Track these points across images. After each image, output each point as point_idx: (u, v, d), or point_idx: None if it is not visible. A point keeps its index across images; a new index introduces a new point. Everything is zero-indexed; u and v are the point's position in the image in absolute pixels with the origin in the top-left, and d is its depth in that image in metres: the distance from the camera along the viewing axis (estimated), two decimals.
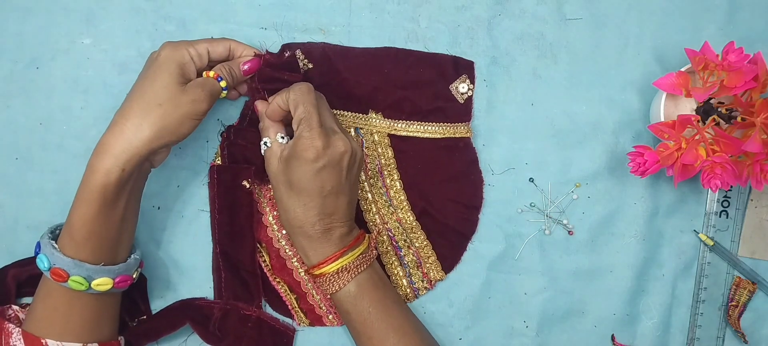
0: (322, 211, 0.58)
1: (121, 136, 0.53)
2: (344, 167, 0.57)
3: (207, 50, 0.58)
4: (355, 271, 0.59)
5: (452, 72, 0.66)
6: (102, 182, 0.52)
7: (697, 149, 0.59)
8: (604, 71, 0.67)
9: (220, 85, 0.58)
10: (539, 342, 0.68)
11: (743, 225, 0.69)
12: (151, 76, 0.55)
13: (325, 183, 0.57)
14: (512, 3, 0.67)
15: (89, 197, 0.53)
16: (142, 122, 0.53)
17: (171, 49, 0.56)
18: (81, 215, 0.53)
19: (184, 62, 0.56)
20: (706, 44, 0.59)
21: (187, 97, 0.55)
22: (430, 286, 0.66)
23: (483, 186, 0.67)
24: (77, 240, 0.53)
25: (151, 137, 0.54)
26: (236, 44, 0.61)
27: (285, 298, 0.65)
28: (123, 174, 0.53)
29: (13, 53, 0.63)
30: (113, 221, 0.55)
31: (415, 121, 0.66)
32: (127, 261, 0.57)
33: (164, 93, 0.54)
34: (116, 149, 0.53)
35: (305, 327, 0.66)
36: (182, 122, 0.55)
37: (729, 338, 0.69)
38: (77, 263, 0.53)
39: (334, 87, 0.65)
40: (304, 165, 0.56)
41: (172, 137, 0.55)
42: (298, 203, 0.58)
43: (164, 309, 0.64)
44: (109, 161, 0.52)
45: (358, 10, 0.66)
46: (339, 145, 0.57)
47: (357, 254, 0.59)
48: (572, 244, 0.68)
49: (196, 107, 0.55)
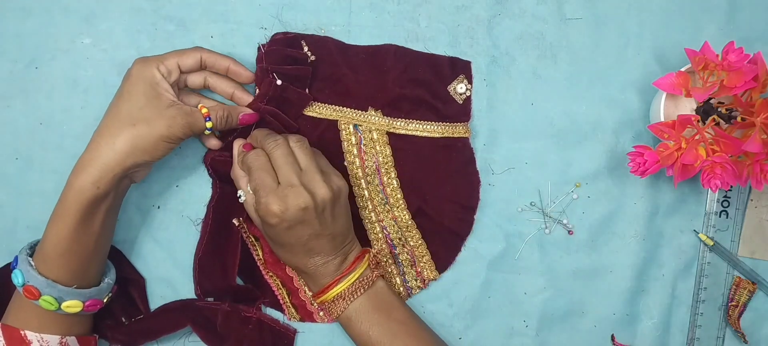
0: (307, 255, 0.59)
1: (96, 153, 0.53)
2: (312, 218, 0.56)
3: (176, 64, 0.58)
4: (351, 297, 0.60)
5: (449, 72, 0.66)
6: (77, 199, 0.53)
7: (697, 149, 0.59)
8: (604, 71, 0.67)
9: (206, 124, 0.58)
10: (539, 342, 0.68)
11: (743, 225, 0.69)
12: (124, 95, 0.55)
13: (300, 236, 0.57)
14: (512, 3, 0.67)
15: (64, 213, 0.53)
16: (115, 141, 0.53)
17: (140, 67, 0.56)
18: (56, 232, 0.53)
19: (155, 80, 0.56)
20: (706, 44, 0.59)
21: (163, 122, 0.54)
22: (424, 285, 0.66)
23: (479, 187, 0.66)
24: (51, 257, 0.54)
25: (124, 156, 0.53)
26: (208, 54, 0.60)
27: (277, 292, 0.65)
28: (98, 192, 0.53)
29: (13, 53, 0.63)
30: (88, 239, 0.55)
31: (414, 120, 0.66)
32: (99, 285, 0.57)
33: (138, 113, 0.54)
34: (90, 167, 0.53)
35: (305, 328, 0.66)
36: (157, 144, 0.55)
37: (729, 338, 0.69)
38: (50, 283, 0.53)
39: (335, 82, 0.65)
40: (273, 228, 0.56)
41: (145, 157, 0.55)
42: (283, 252, 0.60)
43: (163, 308, 0.64)
44: (84, 179, 0.53)
45: (358, 9, 0.66)
46: (297, 203, 0.55)
47: (353, 279, 0.60)
48: (572, 244, 0.68)
49: (170, 132, 0.55)
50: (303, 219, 0.56)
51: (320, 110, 0.65)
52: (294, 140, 0.59)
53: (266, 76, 0.63)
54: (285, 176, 0.56)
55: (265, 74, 0.63)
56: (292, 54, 0.63)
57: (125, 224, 0.64)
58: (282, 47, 0.63)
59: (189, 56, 0.59)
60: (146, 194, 0.64)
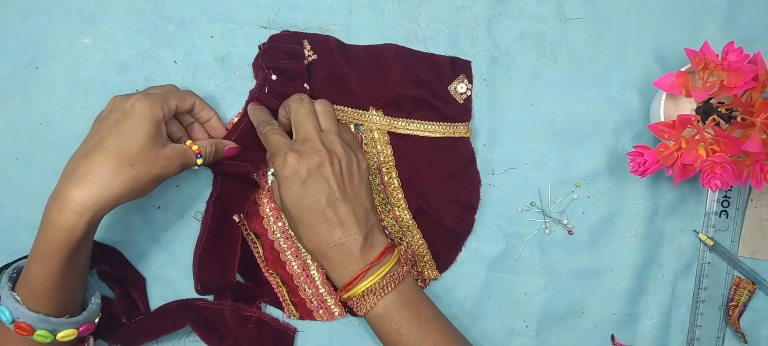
0: (328, 226, 0.56)
1: (88, 191, 0.50)
2: (329, 175, 0.56)
3: (176, 105, 0.58)
4: (382, 292, 0.56)
5: (450, 72, 0.66)
6: (65, 238, 0.50)
7: (697, 149, 0.59)
8: (604, 71, 0.67)
9: (197, 161, 0.58)
10: (539, 342, 0.68)
11: (743, 225, 0.69)
12: (124, 132, 0.53)
13: (318, 197, 0.56)
14: (512, 3, 0.67)
15: (52, 253, 0.50)
16: (113, 181, 0.51)
17: (147, 106, 0.54)
18: (43, 271, 0.51)
19: (159, 120, 0.55)
20: (706, 44, 0.59)
21: (160, 162, 0.54)
22: (424, 285, 0.66)
23: (480, 187, 0.66)
24: (39, 293, 0.51)
25: (119, 197, 0.51)
26: (200, 101, 0.60)
27: (277, 290, 0.65)
28: (88, 230, 0.51)
29: (13, 53, 0.63)
30: (75, 273, 0.53)
31: (415, 120, 0.66)
32: (88, 307, 0.56)
33: (138, 154, 0.52)
34: (82, 206, 0.50)
35: (305, 326, 0.66)
36: (150, 183, 0.54)
37: (729, 338, 0.69)
38: (43, 318, 0.52)
39: (336, 82, 0.65)
40: (289, 186, 0.56)
41: (137, 197, 0.54)
42: (304, 227, 0.57)
43: (163, 308, 0.64)
44: (74, 219, 0.50)
45: (358, 9, 0.66)
46: (312, 154, 0.55)
47: (383, 273, 0.57)
48: (572, 244, 0.68)
49: (166, 172, 0.55)
50: (319, 173, 0.56)
51: None
52: (319, 104, 0.60)
53: (262, 72, 0.63)
54: (304, 133, 0.57)
55: (261, 71, 0.63)
56: (287, 50, 0.63)
57: (125, 224, 0.64)
58: (280, 44, 0.64)
59: (186, 100, 0.59)
60: None
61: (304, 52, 0.64)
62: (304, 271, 0.65)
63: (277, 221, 0.65)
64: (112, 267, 0.63)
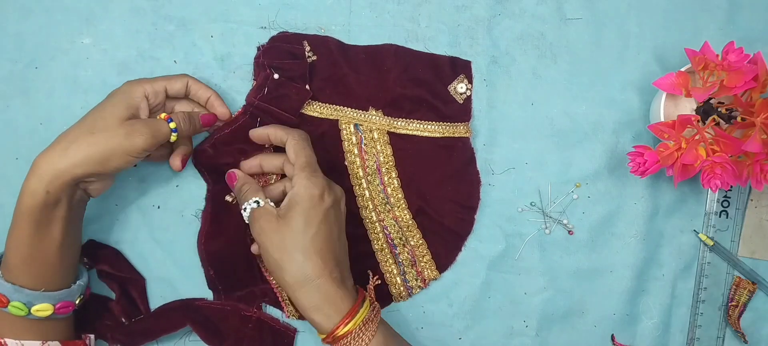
0: (335, 256, 0.56)
1: (48, 157, 0.52)
2: (343, 211, 0.58)
3: (164, 87, 0.58)
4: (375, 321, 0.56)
5: (450, 72, 0.66)
6: (28, 203, 0.52)
7: (697, 149, 0.59)
8: (604, 71, 0.67)
9: (170, 127, 0.57)
10: (539, 342, 0.68)
11: (743, 225, 0.69)
12: (99, 107, 0.55)
13: (333, 226, 0.56)
14: (512, 3, 0.67)
15: (19, 218, 0.52)
16: (69, 147, 0.52)
17: (129, 84, 0.57)
18: (15, 238, 0.53)
19: (136, 97, 0.56)
20: (706, 44, 0.59)
21: (122, 131, 0.54)
22: (424, 285, 0.66)
23: (480, 187, 0.66)
24: (14, 263, 0.53)
25: (75, 163, 0.52)
26: (193, 82, 0.60)
27: (276, 290, 0.65)
28: (48, 196, 0.52)
29: (13, 53, 0.63)
30: (48, 246, 0.54)
31: (415, 120, 0.66)
32: (70, 287, 0.56)
33: (101, 123, 0.54)
34: (40, 170, 0.52)
35: (305, 326, 0.66)
36: (112, 155, 0.53)
37: (729, 338, 0.69)
38: (17, 288, 0.53)
39: (336, 82, 0.65)
40: (312, 209, 0.55)
41: (97, 168, 0.53)
42: (311, 252, 0.54)
43: (163, 308, 0.64)
44: (34, 182, 0.52)
45: (359, 9, 0.66)
46: (337, 187, 0.58)
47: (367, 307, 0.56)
48: (572, 244, 0.68)
49: (130, 142, 0.54)
50: (339, 206, 0.58)
51: (321, 110, 0.65)
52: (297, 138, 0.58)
53: (263, 70, 0.63)
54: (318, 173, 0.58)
55: (263, 69, 0.63)
56: (290, 50, 0.63)
57: (125, 224, 0.64)
58: (281, 44, 0.64)
59: (177, 81, 0.59)
60: (146, 193, 0.64)
61: (305, 53, 0.64)
62: None
63: None
64: (112, 267, 0.63)
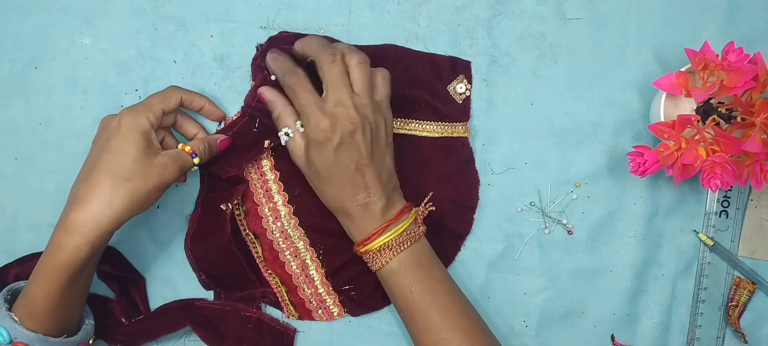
0: (353, 189, 0.57)
1: (90, 212, 0.51)
2: (361, 142, 0.56)
3: (161, 110, 0.57)
4: (398, 249, 0.58)
5: (449, 72, 0.66)
6: (70, 259, 0.51)
7: (697, 149, 0.59)
8: (604, 71, 0.67)
9: (194, 161, 0.58)
10: (539, 342, 0.68)
11: (743, 225, 0.69)
12: (115, 149, 0.54)
13: (347, 162, 0.56)
14: (512, 3, 0.67)
15: (54, 273, 0.52)
16: (112, 199, 0.52)
17: (131, 118, 0.55)
18: (44, 290, 0.52)
19: (147, 130, 0.55)
20: (706, 44, 0.59)
21: (155, 170, 0.54)
22: None
23: (479, 186, 0.66)
24: (39, 313, 0.52)
25: (122, 213, 0.52)
26: (185, 92, 0.60)
27: (276, 290, 0.65)
28: (92, 250, 0.52)
29: (13, 53, 0.63)
30: (78, 294, 0.54)
31: (413, 120, 0.66)
32: (83, 328, 0.57)
33: (133, 167, 0.53)
34: (85, 227, 0.51)
35: (305, 327, 0.66)
36: (150, 195, 0.54)
37: (729, 338, 0.69)
38: (41, 337, 0.52)
39: None
40: (320, 151, 0.56)
41: (140, 210, 0.54)
42: (330, 187, 0.58)
43: (163, 308, 0.64)
44: (78, 239, 0.51)
45: (358, 9, 0.66)
46: (346, 122, 0.56)
47: (400, 230, 0.58)
48: (572, 244, 0.67)
49: (163, 179, 0.54)
50: (352, 139, 0.56)
51: None
52: (354, 63, 0.58)
53: (261, 72, 0.63)
54: (337, 95, 0.56)
55: (260, 71, 0.63)
56: (287, 51, 0.63)
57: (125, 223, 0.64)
58: (279, 45, 0.64)
59: (171, 98, 0.59)
60: None
61: None
62: (303, 271, 0.65)
63: (276, 221, 0.65)
64: (112, 267, 0.63)
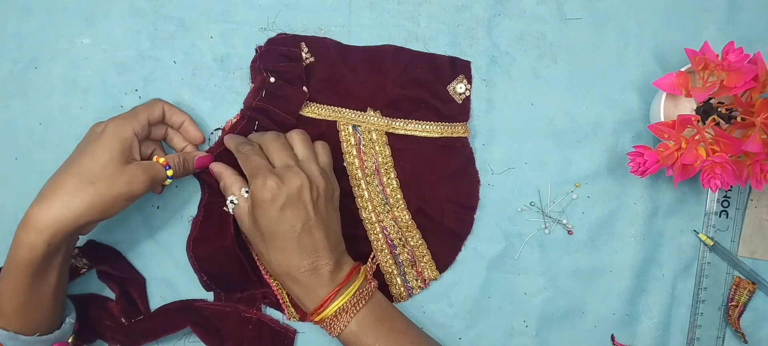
0: (300, 252, 0.56)
1: (48, 210, 0.51)
2: (307, 201, 0.55)
3: (147, 119, 0.57)
4: (353, 310, 0.57)
5: (449, 72, 0.66)
6: (27, 256, 0.51)
7: (697, 149, 0.59)
8: (604, 71, 0.67)
9: (167, 173, 0.57)
10: (539, 342, 0.68)
11: (743, 225, 0.69)
12: (90, 152, 0.54)
13: (293, 222, 0.55)
14: (512, 3, 0.67)
15: (16, 271, 0.52)
16: (72, 199, 0.52)
17: (116, 126, 0.55)
18: (10, 287, 0.52)
19: (128, 139, 0.55)
20: (706, 44, 0.59)
21: (124, 178, 0.53)
22: (424, 285, 0.66)
23: (479, 186, 0.66)
24: (8, 311, 0.52)
25: (79, 215, 0.52)
26: (168, 106, 0.60)
27: (276, 292, 0.65)
28: (48, 249, 0.52)
29: (13, 53, 0.63)
30: (45, 292, 0.54)
31: (413, 120, 0.66)
32: (61, 327, 0.56)
33: (101, 171, 0.53)
34: (41, 224, 0.51)
35: (305, 328, 0.66)
36: (114, 202, 0.53)
37: (729, 338, 0.69)
38: (12, 335, 0.52)
39: (334, 83, 0.65)
40: (266, 210, 0.55)
41: (100, 216, 0.53)
42: (276, 251, 0.56)
43: (163, 308, 0.64)
44: (34, 236, 0.51)
45: (358, 9, 0.66)
46: (293, 179, 0.55)
47: (353, 291, 0.57)
48: (572, 244, 0.68)
49: (131, 189, 0.54)
50: (299, 198, 0.55)
51: (319, 111, 0.65)
52: (295, 133, 0.60)
53: (260, 74, 0.63)
54: (282, 160, 0.57)
55: (259, 73, 0.63)
56: (286, 53, 0.63)
57: (125, 224, 0.64)
58: (278, 47, 0.64)
59: (155, 109, 0.59)
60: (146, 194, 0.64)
61: (302, 55, 0.64)
62: None
63: None
64: (112, 267, 0.63)
